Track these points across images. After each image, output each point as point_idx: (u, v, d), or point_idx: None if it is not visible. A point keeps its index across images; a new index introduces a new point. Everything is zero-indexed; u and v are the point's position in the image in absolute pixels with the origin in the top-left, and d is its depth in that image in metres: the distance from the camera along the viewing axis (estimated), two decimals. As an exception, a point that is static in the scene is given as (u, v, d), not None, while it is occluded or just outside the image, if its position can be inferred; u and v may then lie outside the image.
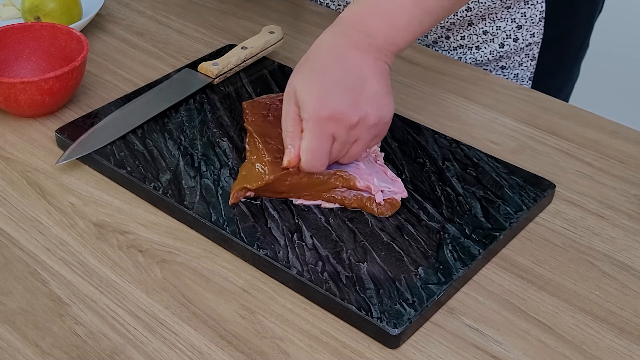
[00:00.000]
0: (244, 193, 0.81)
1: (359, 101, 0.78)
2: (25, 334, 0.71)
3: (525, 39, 1.08)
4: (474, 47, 1.10)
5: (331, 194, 0.81)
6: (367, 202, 0.80)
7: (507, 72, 1.12)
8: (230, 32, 1.15)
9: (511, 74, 1.12)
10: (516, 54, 1.10)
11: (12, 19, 1.15)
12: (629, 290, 0.76)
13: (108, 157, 0.87)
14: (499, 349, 0.70)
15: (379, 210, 0.80)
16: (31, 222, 0.82)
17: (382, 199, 0.80)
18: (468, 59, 1.11)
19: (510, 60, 1.11)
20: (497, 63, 1.11)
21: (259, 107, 0.90)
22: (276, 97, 0.92)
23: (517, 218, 0.80)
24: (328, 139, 0.78)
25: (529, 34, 1.08)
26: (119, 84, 1.03)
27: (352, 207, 0.81)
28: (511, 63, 1.11)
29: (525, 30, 1.08)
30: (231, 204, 0.81)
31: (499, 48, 1.09)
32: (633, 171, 0.90)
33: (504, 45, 1.09)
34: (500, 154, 0.91)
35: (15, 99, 0.93)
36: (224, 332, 0.71)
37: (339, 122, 0.77)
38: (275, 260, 0.75)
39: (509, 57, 1.10)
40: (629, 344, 0.71)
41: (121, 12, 1.20)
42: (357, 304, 0.71)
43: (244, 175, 0.82)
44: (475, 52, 1.11)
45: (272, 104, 0.90)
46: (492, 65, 1.11)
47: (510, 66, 1.11)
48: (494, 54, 1.10)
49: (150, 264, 0.77)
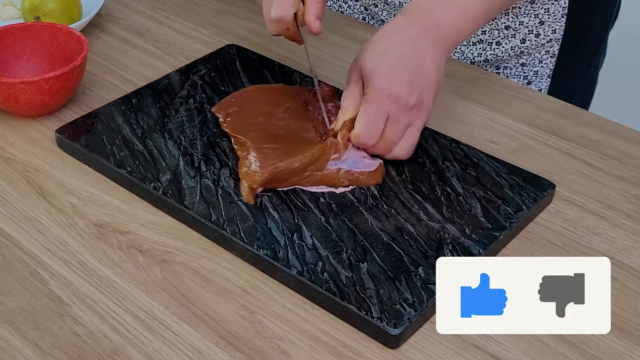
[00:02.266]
0: (255, 191, 0.82)
1: (418, 86, 0.82)
2: (25, 334, 0.71)
3: (546, 34, 1.08)
4: (494, 42, 1.10)
5: (324, 175, 0.83)
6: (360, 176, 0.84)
7: (527, 70, 1.12)
8: (230, 32, 1.15)
9: (531, 72, 1.12)
10: (537, 50, 1.10)
11: (12, 19, 1.15)
12: (629, 290, 0.76)
13: (108, 157, 0.87)
14: (499, 349, 0.70)
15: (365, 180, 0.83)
16: (31, 222, 0.82)
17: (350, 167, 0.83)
18: (488, 54, 1.10)
19: (530, 57, 1.10)
20: (517, 60, 1.11)
21: (227, 107, 0.91)
22: (236, 93, 0.93)
23: (517, 218, 0.80)
24: (383, 116, 0.83)
25: (551, 29, 1.08)
26: (119, 84, 1.03)
27: (344, 185, 0.83)
28: (531, 60, 1.11)
29: (548, 26, 1.08)
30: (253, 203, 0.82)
31: (520, 44, 1.09)
32: (633, 171, 0.90)
33: (525, 40, 1.09)
34: (500, 154, 0.91)
35: (15, 99, 0.93)
36: (224, 332, 0.71)
37: (397, 101, 0.82)
38: (275, 260, 0.75)
39: (530, 53, 1.10)
40: (629, 344, 0.71)
41: (121, 12, 1.20)
42: (357, 304, 0.71)
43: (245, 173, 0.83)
44: (495, 47, 1.10)
45: (234, 99, 0.92)
46: (513, 62, 1.11)
47: (531, 63, 1.11)
48: (515, 50, 1.09)
49: (150, 264, 0.77)
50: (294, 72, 1.02)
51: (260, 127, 0.86)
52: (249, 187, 0.81)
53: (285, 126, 0.87)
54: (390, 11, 1.14)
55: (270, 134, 0.86)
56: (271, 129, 0.87)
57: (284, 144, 0.85)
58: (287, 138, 0.86)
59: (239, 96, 0.93)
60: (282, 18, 0.88)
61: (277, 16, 0.87)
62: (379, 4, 1.15)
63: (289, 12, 0.88)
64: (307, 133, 0.87)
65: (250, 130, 0.86)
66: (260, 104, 0.91)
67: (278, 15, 0.87)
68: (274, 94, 0.92)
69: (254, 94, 0.93)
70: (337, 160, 0.84)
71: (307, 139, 0.86)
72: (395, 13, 1.14)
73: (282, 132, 0.86)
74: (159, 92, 0.98)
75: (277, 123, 0.87)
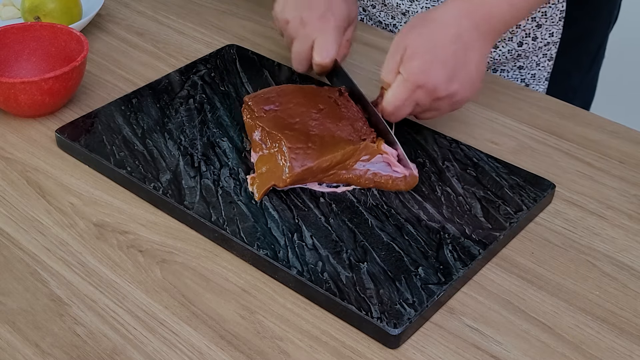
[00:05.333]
0: (269, 188, 0.83)
1: (454, 80, 0.84)
2: (25, 334, 0.71)
3: (544, 38, 1.08)
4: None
5: (350, 174, 0.84)
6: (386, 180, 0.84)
7: (525, 72, 1.12)
8: (230, 32, 1.15)
9: (528, 74, 1.12)
10: (534, 53, 1.10)
11: (12, 19, 1.15)
12: (629, 290, 0.76)
13: (108, 157, 0.87)
14: (499, 349, 0.70)
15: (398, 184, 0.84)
16: (31, 222, 0.82)
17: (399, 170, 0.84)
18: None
19: (527, 60, 1.10)
20: (514, 63, 1.11)
21: (265, 102, 0.90)
22: (275, 89, 0.92)
23: (517, 218, 0.80)
24: (412, 102, 0.85)
25: (548, 33, 1.08)
26: (119, 84, 1.03)
27: (368, 186, 0.84)
28: (529, 63, 1.11)
29: (545, 30, 1.08)
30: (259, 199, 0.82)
31: (517, 47, 1.09)
32: (633, 171, 0.90)
33: (522, 43, 1.09)
34: (500, 154, 0.91)
35: (15, 99, 0.93)
36: (224, 332, 0.71)
37: (428, 92, 0.84)
38: (275, 260, 0.75)
39: (527, 56, 1.10)
40: (629, 344, 0.71)
41: (121, 12, 1.20)
42: (357, 304, 0.71)
43: (270, 171, 0.83)
44: (492, 50, 1.10)
45: (274, 97, 0.91)
46: (510, 65, 1.11)
47: (528, 66, 1.11)
48: (512, 53, 1.09)
49: (150, 264, 0.77)
50: (294, 73, 1.02)
51: (296, 127, 0.86)
52: (269, 186, 0.82)
53: (320, 126, 0.87)
54: (388, 12, 1.14)
55: (304, 134, 0.85)
56: (306, 129, 0.86)
57: (317, 143, 0.84)
58: (320, 137, 0.85)
59: (276, 94, 0.92)
60: (327, 64, 0.93)
61: (322, 62, 0.93)
62: (377, 5, 1.15)
63: (333, 58, 0.92)
64: (343, 132, 0.86)
65: (287, 129, 0.86)
66: (295, 103, 0.90)
67: (324, 61, 0.92)
68: (306, 94, 0.92)
69: (288, 94, 0.92)
70: (366, 162, 0.84)
71: (341, 137, 0.86)
72: (393, 14, 1.14)
73: (316, 131, 0.86)
74: (159, 92, 0.98)
75: (312, 123, 0.87)
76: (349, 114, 0.88)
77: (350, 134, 0.86)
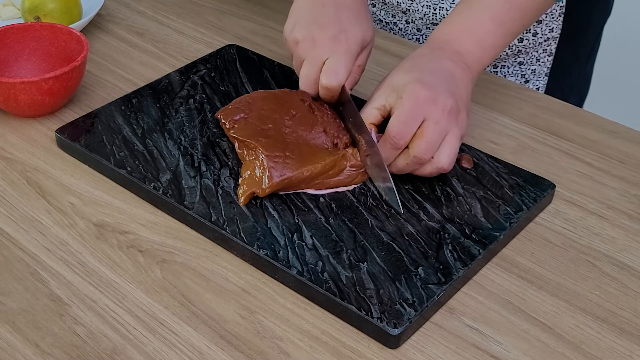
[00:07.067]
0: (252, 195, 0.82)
1: (454, 94, 0.82)
2: (25, 334, 0.71)
3: (544, 33, 1.08)
4: None
5: (341, 176, 0.83)
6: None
7: (525, 68, 1.12)
8: (230, 32, 1.15)
9: (528, 70, 1.12)
10: (534, 49, 1.10)
11: (12, 19, 1.15)
12: (629, 290, 0.76)
13: (108, 157, 0.87)
14: (499, 349, 0.70)
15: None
16: (31, 222, 0.82)
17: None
18: None
19: (528, 56, 1.11)
20: (515, 58, 1.11)
21: (233, 113, 0.89)
22: (244, 98, 0.92)
23: (517, 218, 0.80)
24: (419, 117, 0.80)
25: (548, 28, 1.08)
26: (119, 84, 1.03)
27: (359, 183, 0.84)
28: (529, 59, 1.11)
29: (545, 25, 1.08)
30: (243, 204, 0.81)
31: (517, 42, 1.09)
32: (633, 171, 0.90)
33: (522, 39, 1.09)
34: (500, 154, 0.91)
35: (15, 99, 0.93)
36: (224, 332, 0.71)
37: (435, 103, 0.80)
38: (275, 260, 0.75)
39: (527, 52, 1.10)
40: (629, 344, 0.71)
41: (121, 12, 1.20)
42: (357, 304, 0.71)
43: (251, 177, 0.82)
44: None
45: (240, 106, 0.90)
46: (510, 60, 1.11)
47: (528, 62, 1.11)
48: (512, 49, 1.10)
49: (150, 264, 0.77)
50: (294, 73, 1.02)
51: (269, 133, 0.85)
52: (251, 192, 0.81)
53: (293, 133, 0.86)
54: (388, 11, 1.14)
55: (280, 141, 0.84)
56: (281, 136, 0.85)
57: (295, 152, 0.83)
58: (297, 146, 0.84)
59: (245, 102, 0.91)
60: (334, 88, 0.87)
61: (329, 84, 0.87)
62: (377, 4, 1.15)
63: (341, 82, 0.87)
64: (317, 139, 0.86)
65: (261, 136, 0.85)
66: (266, 110, 0.88)
67: (331, 84, 0.87)
68: (278, 99, 0.90)
69: (259, 100, 0.91)
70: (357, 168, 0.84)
71: (317, 145, 0.85)
72: (394, 13, 1.14)
73: (291, 139, 0.85)
74: (159, 92, 0.98)
75: (286, 130, 0.86)
76: (322, 118, 0.88)
77: (324, 141, 0.86)
